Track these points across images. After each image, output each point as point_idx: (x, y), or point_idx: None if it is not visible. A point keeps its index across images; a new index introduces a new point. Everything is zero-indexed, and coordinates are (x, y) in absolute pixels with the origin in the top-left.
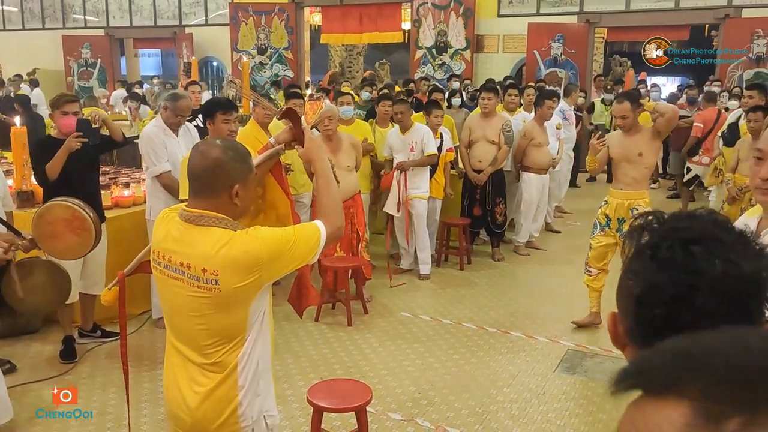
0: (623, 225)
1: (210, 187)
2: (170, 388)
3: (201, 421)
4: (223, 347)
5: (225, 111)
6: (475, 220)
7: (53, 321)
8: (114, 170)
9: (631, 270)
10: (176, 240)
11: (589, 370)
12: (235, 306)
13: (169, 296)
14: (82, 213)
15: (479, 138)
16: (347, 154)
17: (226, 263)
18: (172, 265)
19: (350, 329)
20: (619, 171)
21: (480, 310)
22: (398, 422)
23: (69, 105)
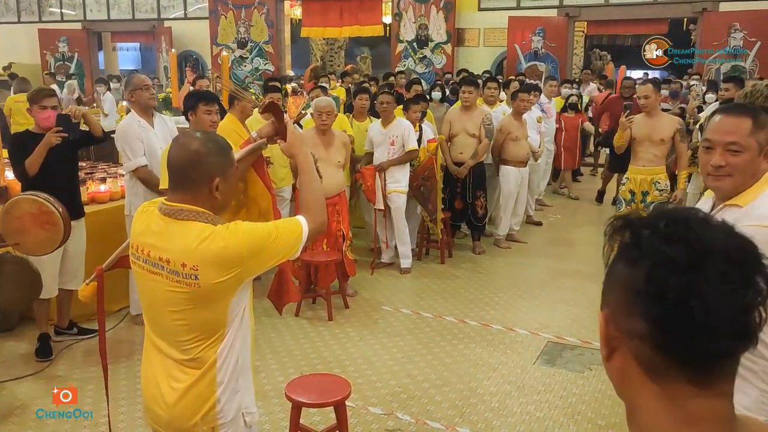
0: (646, 197)
1: (190, 180)
2: (148, 385)
3: (178, 417)
4: (202, 343)
5: (207, 102)
6: (456, 213)
7: (29, 318)
8: (90, 165)
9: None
10: (155, 234)
11: (569, 362)
12: (214, 301)
13: (148, 291)
14: (49, 207)
15: (460, 131)
16: (338, 151)
17: (206, 258)
18: (152, 260)
19: (331, 324)
20: (641, 150)
21: (461, 303)
22: (378, 416)
23: (47, 99)
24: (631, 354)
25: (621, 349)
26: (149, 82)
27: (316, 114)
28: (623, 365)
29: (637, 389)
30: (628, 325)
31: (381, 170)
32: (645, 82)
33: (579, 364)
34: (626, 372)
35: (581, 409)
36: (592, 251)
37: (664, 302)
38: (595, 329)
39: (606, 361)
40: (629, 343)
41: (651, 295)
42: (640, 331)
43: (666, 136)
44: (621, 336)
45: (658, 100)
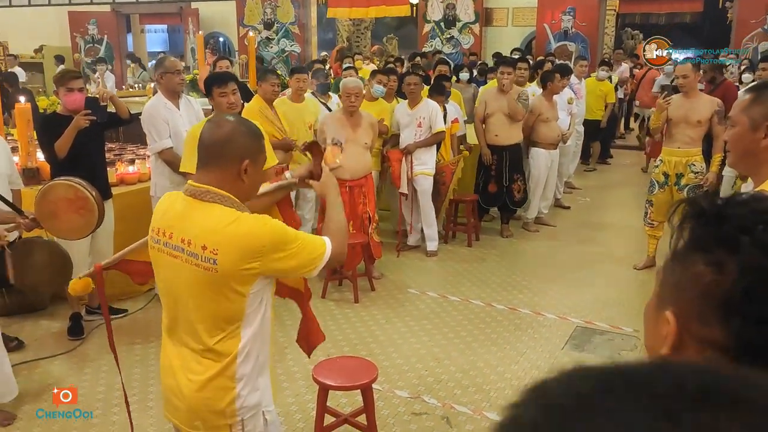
0: (681, 180)
1: (220, 158)
2: (165, 374)
3: (196, 411)
4: (219, 334)
5: (219, 85)
6: (489, 197)
7: (61, 298)
8: (119, 147)
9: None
10: (179, 215)
11: (598, 348)
12: (230, 291)
13: (167, 275)
14: (85, 193)
15: (495, 111)
16: (365, 132)
17: (228, 241)
18: (173, 242)
19: (357, 306)
20: (677, 131)
21: (488, 287)
22: (405, 399)
23: (74, 81)
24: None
25: (687, 352)
26: (180, 66)
27: (345, 95)
28: None
29: None
30: (703, 333)
31: (407, 153)
32: (684, 61)
33: (608, 350)
34: None
35: None
36: (622, 235)
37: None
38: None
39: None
40: (698, 349)
41: (746, 316)
42: (719, 342)
43: (704, 117)
44: (691, 340)
45: (696, 79)
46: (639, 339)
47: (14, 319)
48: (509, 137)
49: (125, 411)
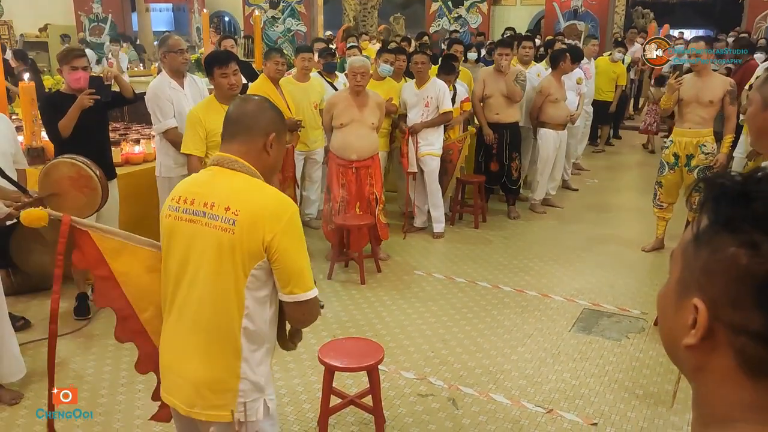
0: (691, 161)
1: (248, 129)
2: (166, 352)
3: (199, 390)
4: (224, 312)
5: (221, 65)
6: (492, 175)
7: (68, 278)
8: (124, 126)
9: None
10: (203, 182)
11: (606, 330)
12: (238, 259)
13: (182, 245)
14: (88, 171)
15: (494, 92)
16: (372, 112)
17: (251, 205)
18: (194, 208)
19: (363, 287)
20: (688, 111)
21: (494, 268)
22: (411, 381)
23: (78, 60)
24: (732, 348)
25: (716, 340)
26: (184, 45)
27: (351, 74)
28: (714, 356)
29: (726, 382)
30: (736, 319)
31: (414, 132)
32: (697, 40)
33: (616, 332)
34: (716, 363)
35: (618, 377)
36: (630, 216)
37: None
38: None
39: (689, 348)
40: (732, 337)
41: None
42: (757, 329)
43: (716, 97)
44: (722, 327)
45: (709, 59)
46: (647, 321)
47: (21, 299)
48: (508, 116)
49: (132, 390)
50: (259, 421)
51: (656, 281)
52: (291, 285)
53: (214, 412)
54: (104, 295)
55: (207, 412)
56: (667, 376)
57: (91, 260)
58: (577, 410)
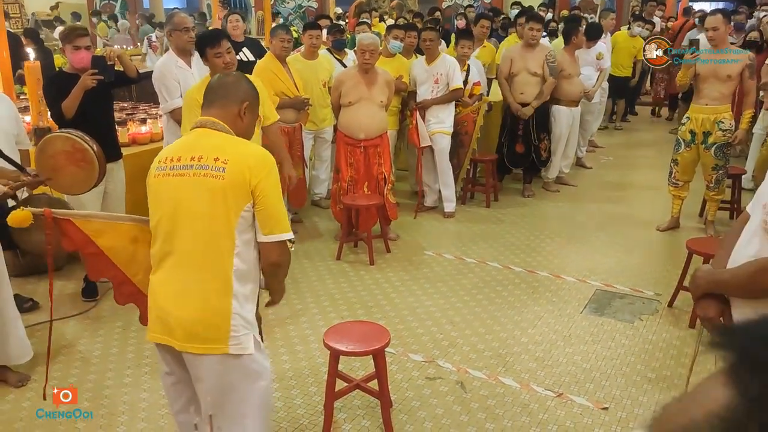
0: (708, 138)
1: (224, 98)
2: (158, 298)
3: (194, 327)
4: (217, 253)
5: (213, 45)
6: (517, 157)
7: (76, 259)
8: (132, 106)
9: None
10: (188, 143)
11: (618, 311)
12: (232, 202)
13: (169, 197)
14: (83, 144)
15: (521, 70)
16: (381, 90)
17: (238, 155)
18: (180, 164)
19: (372, 268)
20: (705, 87)
21: (506, 248)
22: (419, 363)
23: (80, 39)
24: None
25: None
26: (189, 23)
27: (360, 51)
28: None
29: None
30: None
31: (423, 109)
32: (714, 13)
33: (629, 314)
34: None
35: (630, 360)
36: (645, 195)
37: None
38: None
39: None
40: None
41: None
42: None
43: (734, 72)
44: None
45: (727, 32)
46: (660, 303)
47: (29, 280)
48: (535, 95)
49: (139, 372)
50: (253, 354)
51: (671, 261)
52: (271, 226)
53: (210, 345)
54: (96, 268)
55: (203, 345)
56: (680, 359)
57: (79, 242)
58: (587, 394)
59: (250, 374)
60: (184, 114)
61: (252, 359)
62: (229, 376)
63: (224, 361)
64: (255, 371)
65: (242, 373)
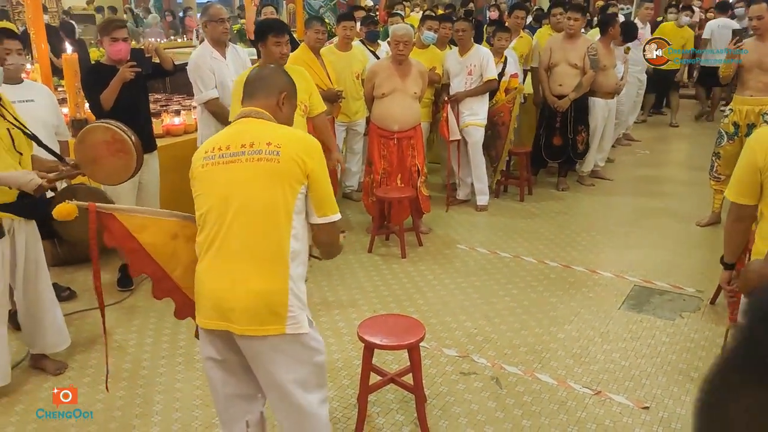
0: (753, 130)
1: (263, 89)
2: (213, 281)
3: (254, 308)
4: (275, 236)
5: (277, 33)
6: (554, 150)
7: (111, 249)
8: (165, 98)
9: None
10: (235, 132)
11: (658, 308)
12: (287, 184)
13: (222, 183)
14: (122, 135)
15: (560, 61)
16: (414, 81)
17: (289, 139)
18: (230, 151)
19: (404, 261)
20: (750, 77)
21: (540, 243)
22: (453, 358)
23: (118, 31)
24: None
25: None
26: (225, 15)
27: (393, 43)
28: None
29: None
30: None
31: (456, 101)
32: (759, 1)
33: (669, 311)
34: None
35: (671, 359)
36: (684, 189)
37: None
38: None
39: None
40: None
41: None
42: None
43: None
44: None
45: None
46: (702, 300)
47: (67, 270)
48: (573, 87)
49: (173, 363)
50: (309, 332)
51: (712, 258)
52: (324, 208)
53: (270, 326)
54: (137, 264)
55: (263, 327)
56: None
57: (120, 238)
58: (627, 392)
59: (308, 351)
60: (234, 97)
61: (309, 337)
62: (288, 355)
63: (284, 341)
64: (313, 348)
65: (301, 351)
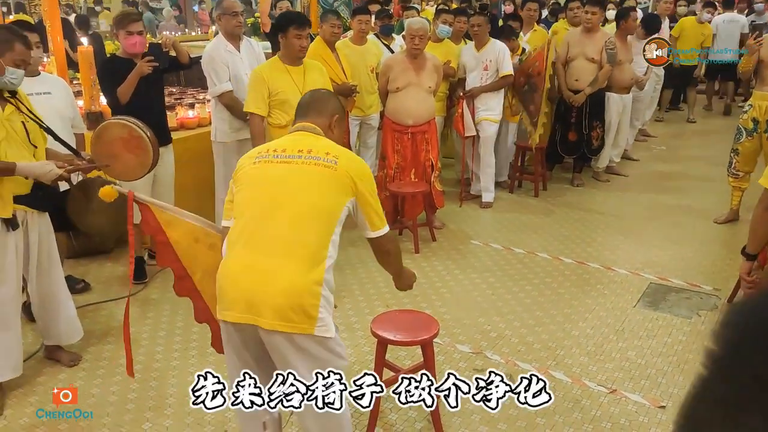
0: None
1: (317, 110)
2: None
3: (283, 307)
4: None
5: (299, 26)
6: (569, 145)
7: (125, 242)
8: (180, 91)
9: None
10: (291, 140)
11: (674, 306)
12: (339, 192)
13: (272, 181)
14: (139, 132)
15: (577, 55)
16: (429, 76)
17: (345, 154)
18: (287, 154)
19: (417, 256)
20: None
21: (555, 239)
22: (466, 355)
23: (133, 25)
24: None
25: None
26: (239, 8)
27: (409, 37)
28: None
29: None
30: None
31: (471, 96)
32: None
33: (686, 309)
34: None
35: (689, 357)
36: (701, 186)
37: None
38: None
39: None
40: None
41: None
42: None
43: None
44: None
45: None
46: (720, 298)
47: (81, 262)
48: (590, 82)
49: (186, 356)
50: (335, 336)
51: (730, 256)
52: (377, 222)
53: (298, 324)
54: (164, 257)
55: (292, 324)
56: None
57: (153, 228)
58: (643, 391)
59: (332, 356)
60: (249, 91)
61: (335, 342)
62: (313, 356)
63: (311, 342)
64: (337, 353)
65: (326, 354)
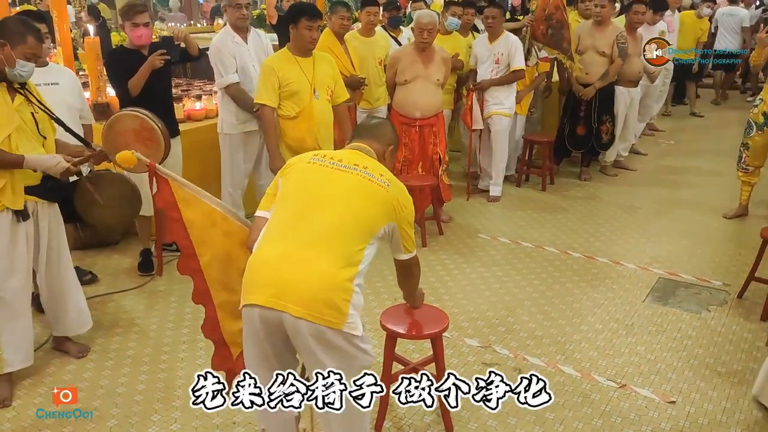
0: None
1: (376, 136)
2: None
3: (316, 301)
4: (356, 243)
5: (310, 18)
6: (577, 140)
7: (132, 233)
8: (187, 82)
9: None
10: (349, 153)
11: (684, 301)
12: (383, 211)
13: (325, 182)
14: (151, 123)
15: (588, 48)
16: (437, 68)
17: (398, 185)
18: (343, 163)
19: (425, 250)
20: None
21: (563, 233)
22: (475, 349)
23: (139, 16)
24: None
25: None
26: (243, 0)
27: (417, 30)
28: None
29: None
30: None
31: (481, 89)
32: None
33: (695, 304)
34: None
35: (698, 353)
36: (710, 180)
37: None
38: (713, 266)
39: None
40: None
41: None
42: None
43: None
44: None
45: None
46: (729, 294)
47: (89, 254)
48: (600, 75)
49: (194, 348)
50: (363, 335)
51: (740, 251)
52: (409, 246)
53: (329, 317)
54: (173, 232)
55: (323, 316)
56: (752, 353)
57: (167, 202)
58: (652, 386)
59: (359, 352)
60: (259, 82)
61: (362, 340)
62: (340, 351)
63: (338, 337)
64: (363, 350)
65: (353, 350)
